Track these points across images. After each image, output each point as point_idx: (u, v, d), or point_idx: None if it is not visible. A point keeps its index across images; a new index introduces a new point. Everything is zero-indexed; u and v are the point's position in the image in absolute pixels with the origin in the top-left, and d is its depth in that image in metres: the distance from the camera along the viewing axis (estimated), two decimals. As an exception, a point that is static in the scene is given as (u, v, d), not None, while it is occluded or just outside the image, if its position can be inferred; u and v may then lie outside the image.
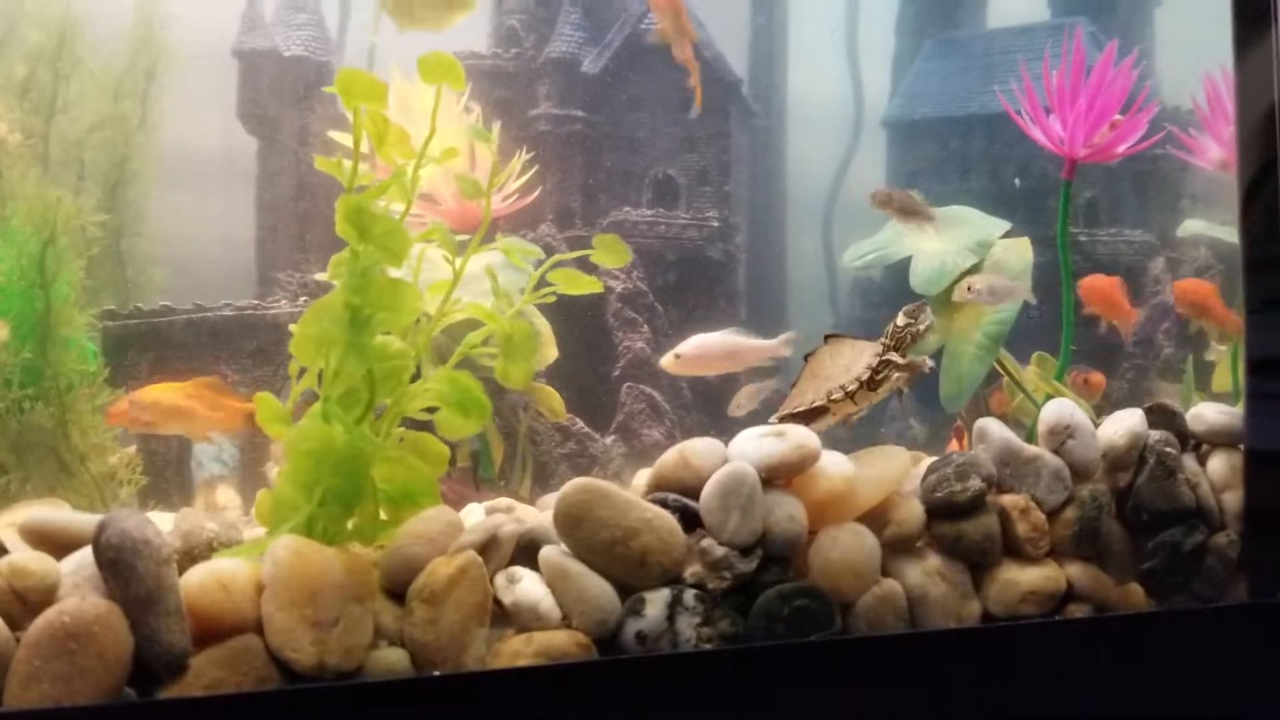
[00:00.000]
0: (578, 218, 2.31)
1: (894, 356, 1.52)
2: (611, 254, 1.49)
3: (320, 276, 1.29)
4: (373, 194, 1.21)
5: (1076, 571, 1.45)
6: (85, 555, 1.10)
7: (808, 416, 1.53)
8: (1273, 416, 1.57)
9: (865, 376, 1.52)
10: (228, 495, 2.09)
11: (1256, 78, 1.60)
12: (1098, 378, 2.04)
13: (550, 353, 1.91)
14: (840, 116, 2.78)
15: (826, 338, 1.61)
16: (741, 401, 2.12)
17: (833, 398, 1.52)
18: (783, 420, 1.54)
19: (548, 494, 1.62)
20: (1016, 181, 2.37)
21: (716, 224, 2.36)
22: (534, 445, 2.04)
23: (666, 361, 1.93)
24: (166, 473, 2.03)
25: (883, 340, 1.55)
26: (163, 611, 1.07)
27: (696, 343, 1.92)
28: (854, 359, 1.56)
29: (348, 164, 1.23)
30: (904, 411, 2.29)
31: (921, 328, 1.55)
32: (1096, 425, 1.52)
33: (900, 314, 1.56)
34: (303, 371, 1.25)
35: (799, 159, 2.74)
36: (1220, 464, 1.57)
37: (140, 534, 1.07)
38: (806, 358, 1.61)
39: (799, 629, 1.28)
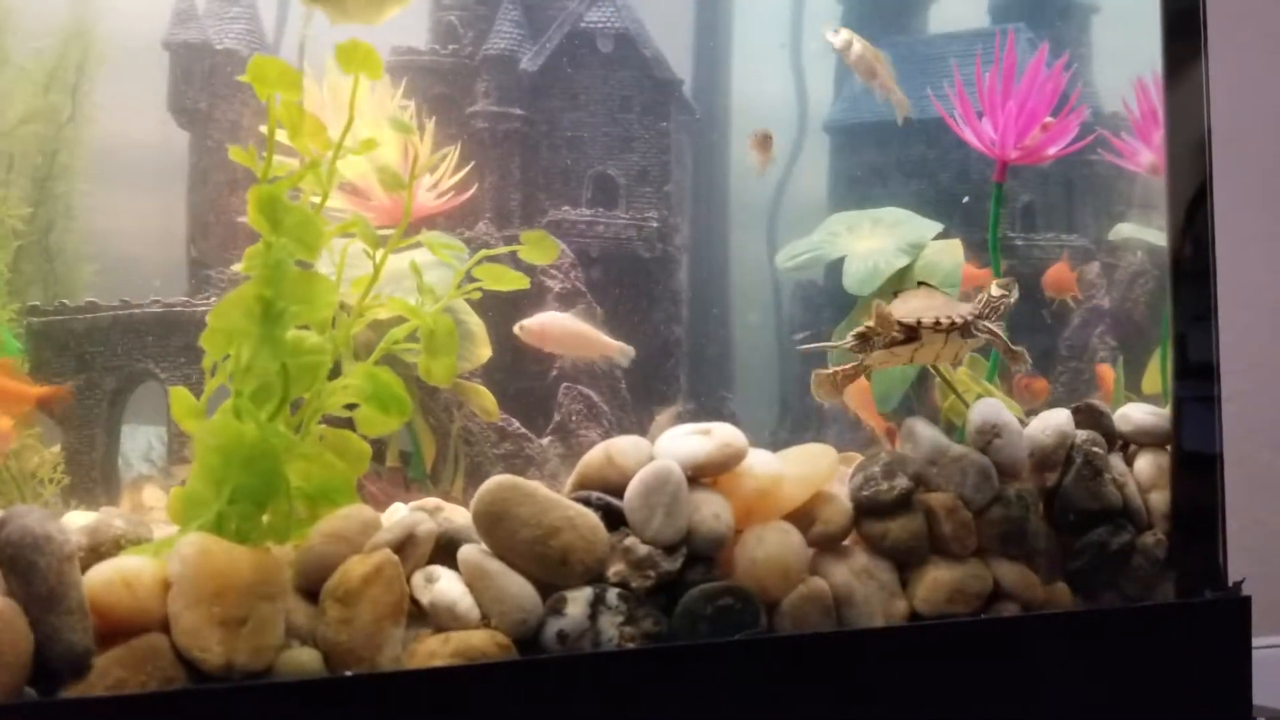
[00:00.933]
0: (516, 216, 2.29)
1: (989, 323, 1.51)
2: (540, 250, 1.47)
3: (235, 268, 1.26)
4: (285, 184, 1.18)
5: (1004, 570, 1.45)
6: (-18, 553, 1.07)
7: (901, 336, 1.47)
8: (1199, 417, 1.58)
9: (970, 316, 1.48)
10: (155, 495, 2.05)
11: (1185, 83, 1.62)
12: (1041, 383, 2.06)
13: (484, 352, 1.89)
14: (784, 119, 2.78)
15: (920, 284, 1.57)
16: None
17: (932, 322, 1.45)
18: (865, 333, 1.48)
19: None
20: (965, 199, 2.37)
21: (656, 224, 2.35)
22: (468, 445, 2.02)
23: (515, 329, 1.95)
24: (92, 472, 1.99)
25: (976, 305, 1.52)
26: (64, 610, 1.03)
27: (544, 319, 1.96)
28: (949, 305, 1.51)
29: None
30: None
31: (1012, 299, 1.55)
32: (1025, 425, 1.52)
33: (994, 284, 1.55)
34: (215, 366, 1.23)
35: (742, 161, 2.73)
36: (1147, 464, 1.58)
37: (41, 530, 1.04)
38: (896, 294, 1.57)
39: (723, 628, 1.27)
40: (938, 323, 1.46)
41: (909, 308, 1.49)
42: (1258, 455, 2.77)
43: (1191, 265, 1.60)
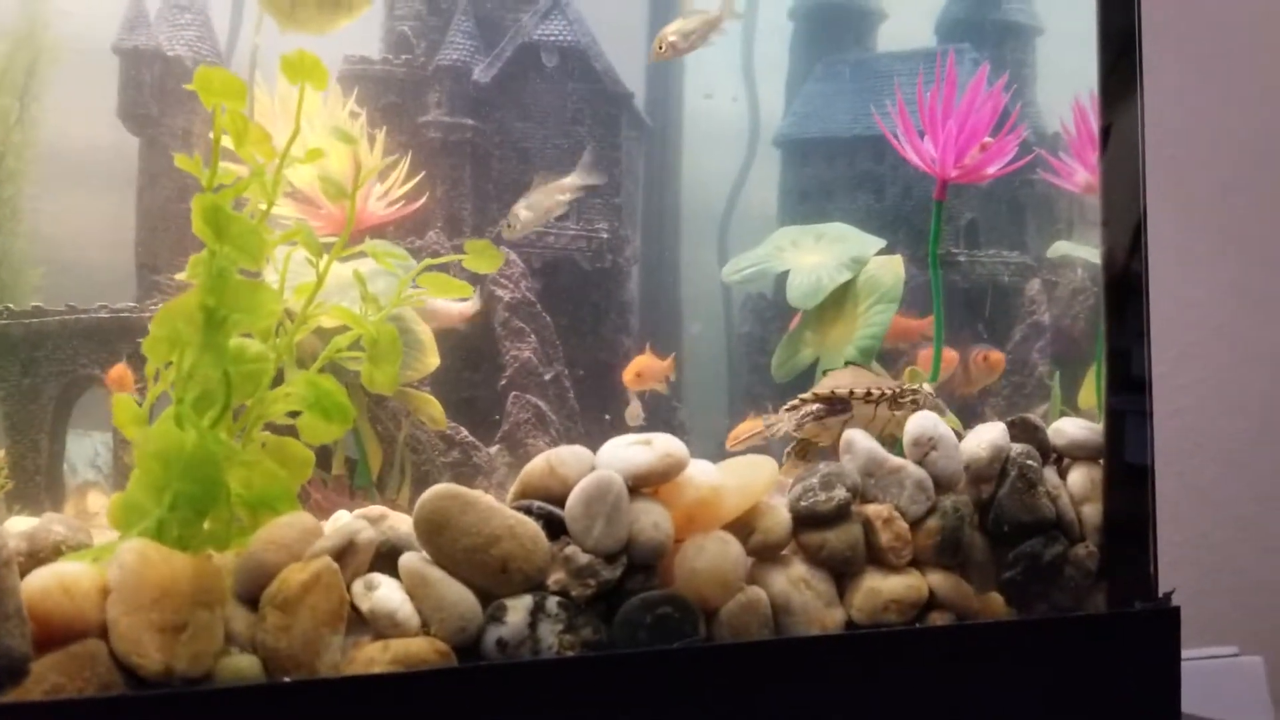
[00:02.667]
0: (466, 226, 2.30)
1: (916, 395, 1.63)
2: (484, 259, 1.49)
3: (179, 277, 1.27)
4: (230, 193, 1.19)
5: (939, 580, 1.48)
6: (-81, 558, 1.06)
7: (834, 403, 1.60)
8: (1131, 432, 1.62)
9: (893, 393, 1.60)
10: (100, 501, 2.04)
11: (1121, 103, 1.66)
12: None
13: (431, 360, 1.90)
14: (735, 133, 2.80)
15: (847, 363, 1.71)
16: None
17: (863, 393, 1.59)
18: (815, 398, 1.61)
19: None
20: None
21: (606, 235, 2.37)
22: (415, 454, 2.02)
23: None
24: (36, 477, 1.98)
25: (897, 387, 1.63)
26: (1, 615, 1.03)
27: None
28: (877, 381, 1.64)
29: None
30: None
31: (921, 400, 1.63)
32: (960, 438, 1.55)
33: (925, 384, 1.67)
34: (158, 373, 1.23)
35: (694, 174, 2.76)
36: (1080, 477, 1.61)
37: (-22, 536, 1.04)
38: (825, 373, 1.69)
39: (662, 636, 1.29)
40: (869, 393, 1.58)
41: (838, 382, 1.61)
42: (1202, 470, 2.83)
43: (1124, 281, 1.64)
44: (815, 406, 1.60)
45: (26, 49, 2.20)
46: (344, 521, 1.28)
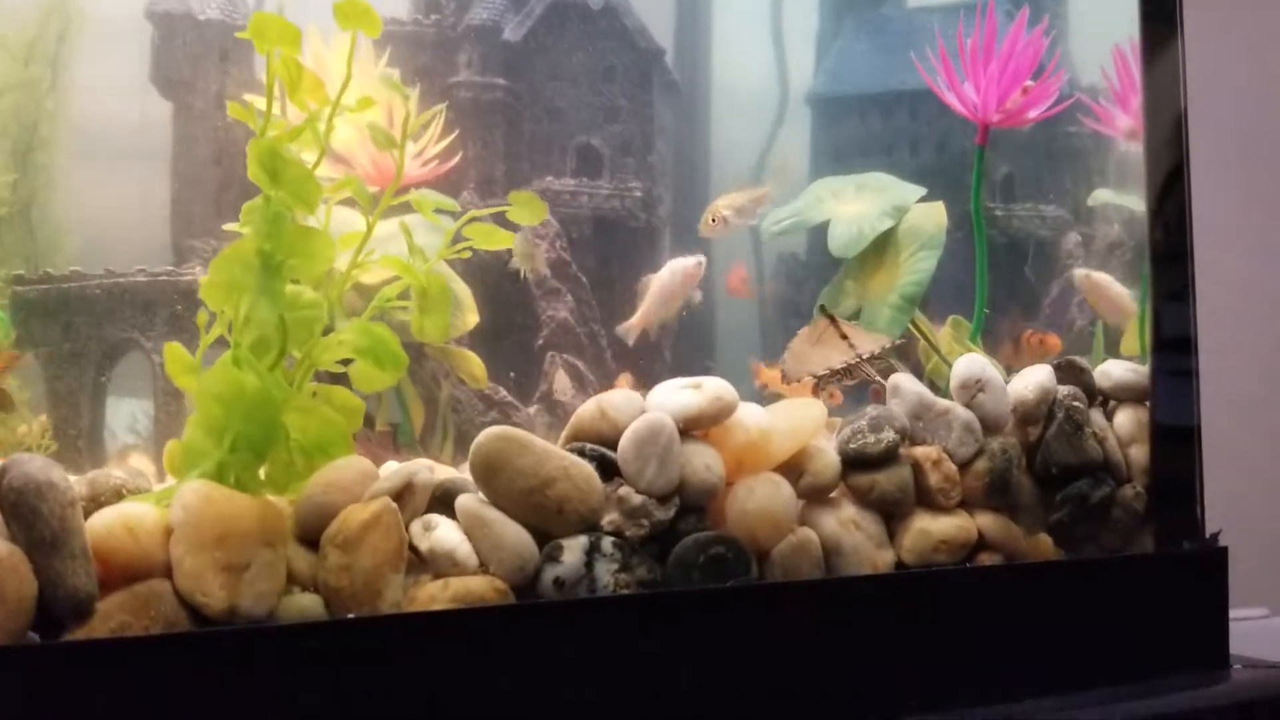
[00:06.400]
0: (499, 186, 2.30)
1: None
2: (529, 211, 1.49)
3: (229, 227, 1.27)
4: (285, 138, 1.20)
5: (987, 522, 1.48)
6: (-13, 501, 1.08)
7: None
8: (1176, 372, 1.61)
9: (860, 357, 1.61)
10: (141, 464, 2.05)
11: (1162, 60, 1.65)
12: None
13: (471, 318, 1.90)
14: (765, 92, 2.79)
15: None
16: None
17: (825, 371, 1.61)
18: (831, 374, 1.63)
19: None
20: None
21: (639, 194, 2.37)
22: (455, 414, 2.03)
23: None
24: (79, 441, 1.99)
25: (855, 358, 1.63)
26: (68, 555, 1.05)
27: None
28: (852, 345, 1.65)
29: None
30: None
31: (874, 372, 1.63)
32: (1006, 378, 1.55)
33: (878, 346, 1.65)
34: (211, 322, 1.24)
35: (723, 133, 2.75)
36: (1127, 419, 1.61)
37: (44, 476, 1.05)
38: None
39: (715, 576, 1.30)
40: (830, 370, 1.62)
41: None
42: (1231, 433, 2.81)
43: (1169, 222, 1.64)
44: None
45: (58, 16, 2.21)
46: (398, 467, 1.28)
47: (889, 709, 1.34)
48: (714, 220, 1.89)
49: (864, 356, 1.60)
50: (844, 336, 1.63)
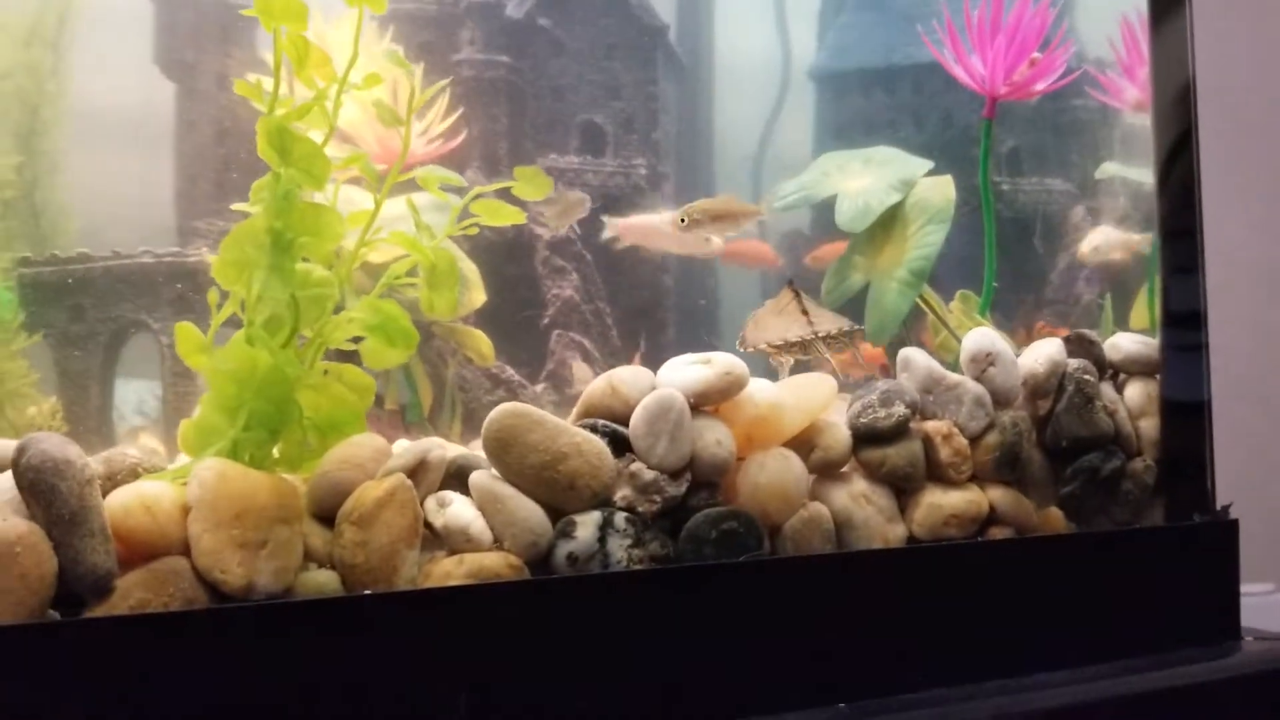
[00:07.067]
0: (503, 164, 2.29)
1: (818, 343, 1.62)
2: (533, 185, 1.48)
3: (238, 206, 1.27)
4: (293, 115, 1.19)
5: (998, 496, 1.48)
6: (5, 479, 1.08)
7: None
8: (1187, 345, 1.61)
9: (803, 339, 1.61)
10: (151, 444, 2.06)
11: (1169, 19, 1.64)
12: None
13: (477, 296, 1.90)
14: (769, 67, 2.78)
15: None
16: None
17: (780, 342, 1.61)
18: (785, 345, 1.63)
19: (478, 439, 1.62)
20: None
21: (644, 171, 2.36)
22: (463, 392, 2.03)
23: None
24: (88, 422, 1.99)
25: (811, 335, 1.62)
26: (86, 532, 1.05)
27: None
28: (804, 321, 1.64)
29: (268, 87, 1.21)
30: None
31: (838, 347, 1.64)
32: (1017, 355, 1.55)
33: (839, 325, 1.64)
34: (223, 301, 1.24)
35: (727, 109, 2.74)
36: (1137, 392, 1.61)
37: (61, 454, 1.06)
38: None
39: (728, 550, 1.30)
40: (785, 341, 1.62)
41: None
42: (1235, 410, 2.81)
43: (1178, 193, 1.64)
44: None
45: (59, -1, 2.20)
46: (411, 444, 1.29)
47: (901, 682, 1.35)
48: (684, 220, 1.87)
49: (819, 335, 1.60)
50: (804, 312, 1.63)
